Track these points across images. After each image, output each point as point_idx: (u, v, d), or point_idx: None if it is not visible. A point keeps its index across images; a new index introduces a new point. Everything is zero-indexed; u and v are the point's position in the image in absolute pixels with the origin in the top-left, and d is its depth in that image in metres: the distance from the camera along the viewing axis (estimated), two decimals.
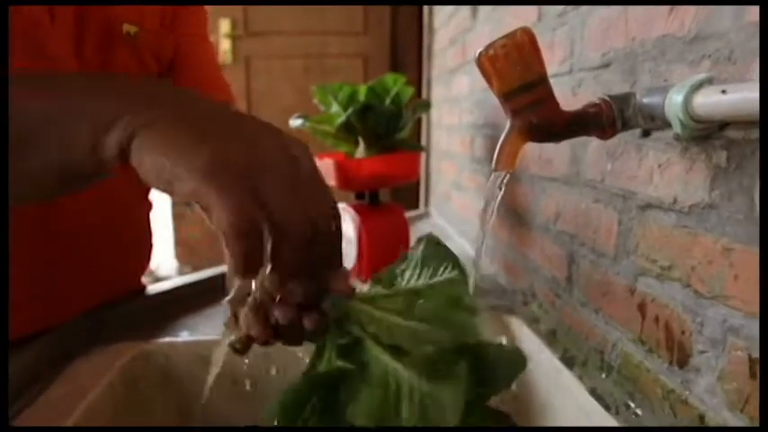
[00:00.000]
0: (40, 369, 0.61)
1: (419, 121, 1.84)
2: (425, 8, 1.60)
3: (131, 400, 0.64)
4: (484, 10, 0.98)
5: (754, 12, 0.34)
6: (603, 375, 0.53)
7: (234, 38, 2.31)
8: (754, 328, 0.35)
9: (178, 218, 2.50)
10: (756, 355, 0.34)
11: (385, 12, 2.38)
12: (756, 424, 0.35)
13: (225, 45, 2.30)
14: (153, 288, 0.82)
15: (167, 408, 0.69)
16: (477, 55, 0.40)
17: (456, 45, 1.23)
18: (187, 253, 2.55)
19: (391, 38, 2.41)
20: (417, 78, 2.01)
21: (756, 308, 0.34)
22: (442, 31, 1.42)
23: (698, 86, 0.36)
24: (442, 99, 1.43)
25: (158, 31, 0.68)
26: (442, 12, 1.45)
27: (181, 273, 2.51)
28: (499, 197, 0.42)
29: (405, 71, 2.32)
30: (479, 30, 1.00)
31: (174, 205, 2.47)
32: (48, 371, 0.61)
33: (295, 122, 0.89)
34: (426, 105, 0.99)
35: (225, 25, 2.30)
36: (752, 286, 0.35)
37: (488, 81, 0.40)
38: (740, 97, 0.32)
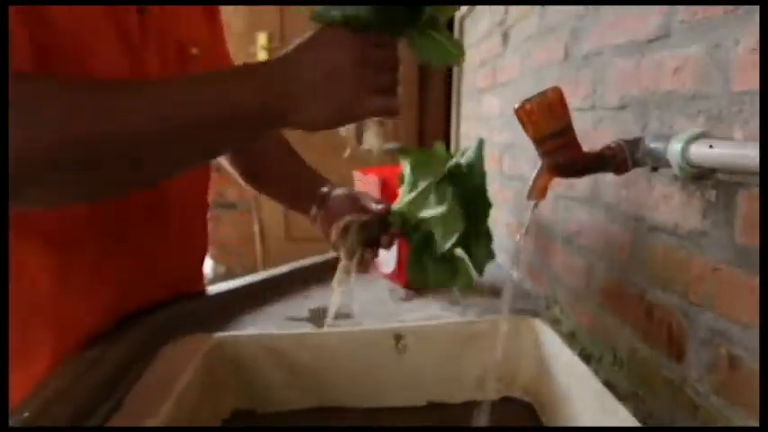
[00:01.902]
0: (134, 358, 0.71)
1: (448, 132, 1.93)
2: (456, 26, 1.69)
3: (210, 384, 0.74)
4: (514, 39, 1.07)
5: (737, 82, 0.44)
6: (615, 369, 0.63)
7: (270, 50, 2.43)
8: (734, 330, 0.44)
9: (214, 219, 2.64)
10: (735, 352, 0.44)
11: None
12: (734, 406, 0.44)
13: (262, 57, 2.42)
14: (217, 287, 0.93)
15: (238, 392, 0.79)
16: (515, 108, 0.50)
17: (486, 67, 1.33)
18: (222, 253, 2.69)
19: None
20: (445, 88, 2.10)
21: (738, 316, 0.44)
22: (472, 50, 1.52)
23: (693, 139, 0.46)
24: (472, 114, 1.52)
25: (212, 50, 0.78)
26: (473, 32, 1.55)
27: (216, 271, 2.64)
28: (531, 220, 0.52)
29: (433, 81, 2.42)
30: (509, 58, 1.10)
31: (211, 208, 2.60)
32: (140, 358, 0.72)
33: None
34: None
35: (262, 38, 2.42)
36: (734, 298, 0.44)
37: (524, 128, 0.50)
38: (723, 152, 0.42)
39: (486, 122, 1.31)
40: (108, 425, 0.56)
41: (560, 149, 0.50)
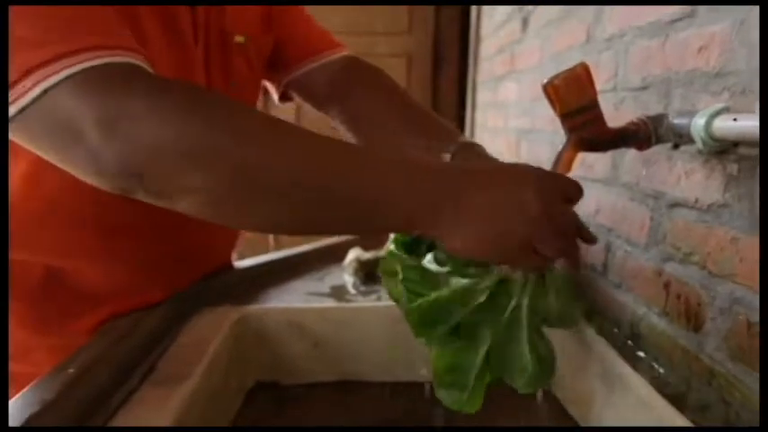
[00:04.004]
0: (166, 326, 0.74)
1: (462, 122, 1.95)
2: (473, 16, 1.70)
3: (236, 354, 0.77)
4: (534, 24, 1.08)
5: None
6: (631, 343, 0.64)
7: None
8: (752, 298, 0.46)
9: None
10: (753, 319, 0.46)
11: (429, 12, 2.49)
12: (750, 370, 0.46)
13: None
14: (242, 264, 0.96)
15: (262, 364, 0.82)
16: (543, 84, 0.52)
17: (504, 53, 1.34)
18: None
19: (434, 37, 2.51)
20: (458, 76, 2.11)
21: (755, 283, 0.45)
22: (488, 40, 1.53)
23: (716, 114, 0.47)
24: (488, 102, 1.54)
25: (260, 36, 0.78)
26: (490, 22, 1.56)
27: None
28: None
29: (446, 69, 2.43)
30: (529, 43, 1.11)
31: None
32: (172, 327, 0.74)
33: None
34: None
35: None
36: (752, 266, 0.46)
37: (551, 104, 0.52)
38: (747, 125, 0.43)
39: (504, 109, 1.33)
40: (144, 386, 0.59)
41: (586, 124, 0.52)
